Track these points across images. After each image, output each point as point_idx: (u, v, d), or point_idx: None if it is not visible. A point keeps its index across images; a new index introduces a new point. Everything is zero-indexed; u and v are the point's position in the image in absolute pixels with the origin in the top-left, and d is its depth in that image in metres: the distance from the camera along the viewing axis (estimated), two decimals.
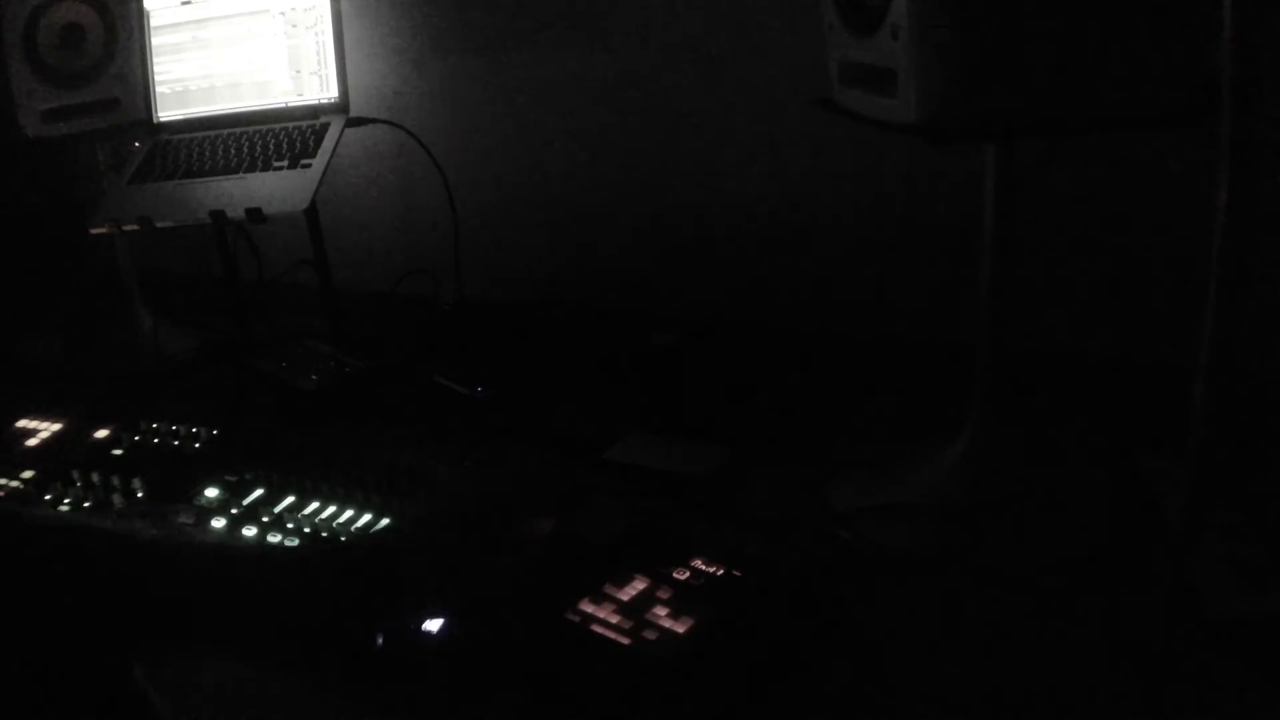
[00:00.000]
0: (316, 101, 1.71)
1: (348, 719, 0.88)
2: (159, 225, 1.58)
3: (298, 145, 1.65)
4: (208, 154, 1.69)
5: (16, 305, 2.01)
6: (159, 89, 1.76)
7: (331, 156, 1.62)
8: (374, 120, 1.77)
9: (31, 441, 1.36)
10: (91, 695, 0.72)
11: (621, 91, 1.72)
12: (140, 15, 1.74)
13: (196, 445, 1.31)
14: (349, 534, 1.08)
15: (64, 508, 1.18)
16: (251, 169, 1.64)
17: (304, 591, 0.94)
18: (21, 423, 1.42)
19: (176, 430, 1.34)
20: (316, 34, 1.69)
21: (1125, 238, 1.41)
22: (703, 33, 1.62)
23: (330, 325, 1.81)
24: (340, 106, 1.70)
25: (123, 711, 0.74)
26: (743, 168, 1.66)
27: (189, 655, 0.93)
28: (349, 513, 1.12)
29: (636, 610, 0.91)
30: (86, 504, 1.19)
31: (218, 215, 1.56)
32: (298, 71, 1.71)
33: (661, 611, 0.91)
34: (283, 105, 1.72)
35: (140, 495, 1.19)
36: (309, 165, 1.61)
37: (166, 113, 1.77)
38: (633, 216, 1.78)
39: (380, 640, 0.87)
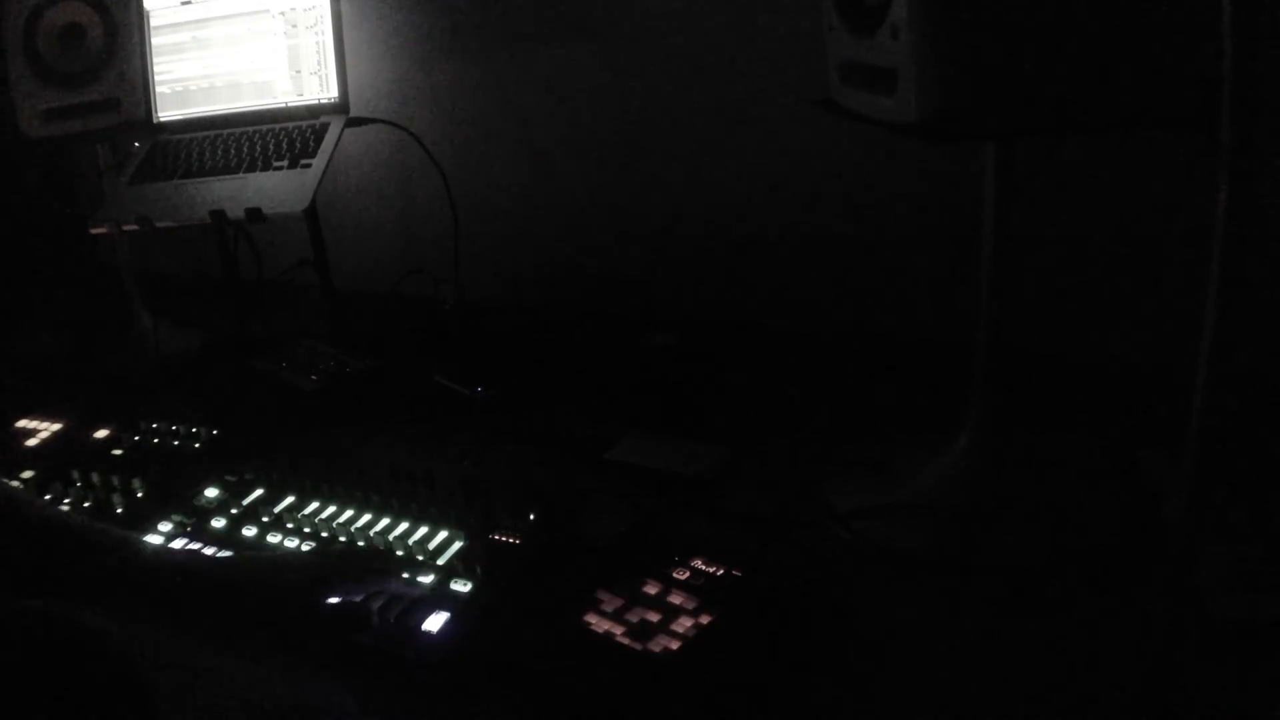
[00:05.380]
0: (316, 101, 1.71)
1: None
2: (159, 225, 1.58)
3: (297, 145, 1.65)
4: (208, 154, 1.69)
5: (16, 305, 2.01)
6: (159, 89, 1.76)
7: (331, 156, 1.62)
8: (374, 120, 1.77)
9: (31, 441, 1.37)
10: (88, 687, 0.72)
11: (622, 91, 1.72)
12: (140, 15, 1.74)
13: (196, 445, 1.31)
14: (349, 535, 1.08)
15: (64, 508, 1.19)
16: (251, 169, 1.64)
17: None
18: (21, 423, 1.42)
19: (176, 430, 1.34)
20: (316, 34, 1.69)
21: (1125, 237, 1.41)
22: (703, 33, 1.62)
23: (330, 325, 1.81)
24: (340, 106, 1.70)
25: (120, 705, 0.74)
26: (743, 167, 1.66)
27: (189, 651, 0.93)
28: (349, 513, 1.12)
29: (636, 610, 0.91)
30: (86, 504, 1.19)
31: (218, 215, 1.56)
32: (298, 71, 1.71)
33: (661, 612, 0.91)
34: (282, 105, 1.72)
35: (140, 495, 1.19)
36: (309, 165, 1.61)
37: (166, 113, 1.77)
38: (633, 216, 1.78)
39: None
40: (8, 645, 0.71)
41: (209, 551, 1.08)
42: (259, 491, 1.18)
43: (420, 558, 1.02)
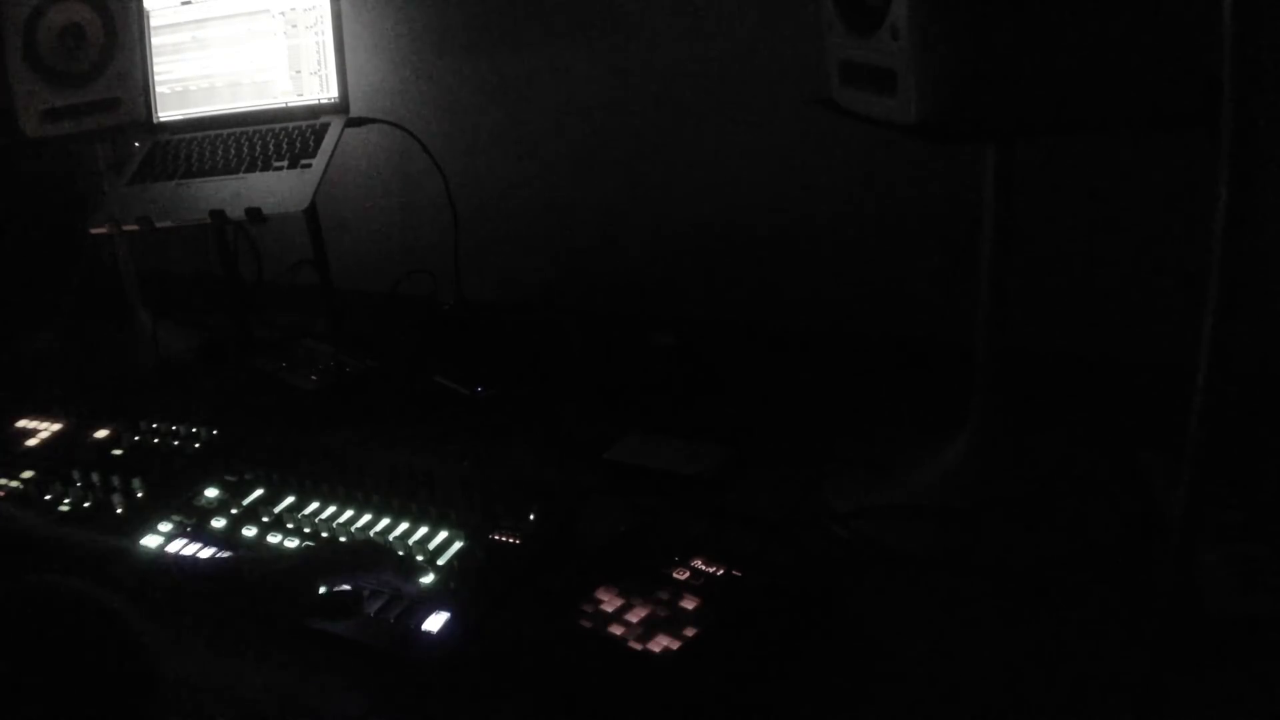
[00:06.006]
0: (316, 101, 1.71)
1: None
2: (159, 225, 1.58)
3: (298, 145, 1.65)
4: (208, 154, 1.69)
5: (16, 305, 2.01)
6: (159, 89, 1.76)
7: (331, 156, 1.62)
8: (374, 120, 1.77)
9: (31, 441, 1.37)
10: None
11: (622, 91, 1.72)
12: (140, 15, 1.74)
13: (196, 445, 1.31)
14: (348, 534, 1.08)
15: (64, 508, 1.19)
16: (251, 169, 1.64)
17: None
18: (21, 423, 1.42)
19: (176, 430, 1.34)
20: (316, 34, 1.69)
21: (1125, 237, 1.41)
22: (703, 33, 1.62)
23: (330, 325, 1.81)
24: (340, 106, 1.70)
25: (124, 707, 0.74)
26: (742, 168, 1.66)
27: (191, 652, 0.93)
28: (349, 513, 1.12)
29: (636, 610, 0.91)
30: (86, 504, 1.19)
31: (218, 215, 1.56)
32: (298, 71, 1.71)
33: (661, 612, 0.91)
34: (283, 105, 1.72)
35: (140, 495, 1.19)
36: (309, 165, 1.61)
37: (166, 113, 1.77)
38: (633, 216, 1.78)
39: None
40: (20, 616, 0.72)
41: (206, 554, 1.08)
42: (259, 491, 1.18)
43: (420, 558, 1.02)
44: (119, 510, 1.17)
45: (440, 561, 1.02)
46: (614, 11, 1.68)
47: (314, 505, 1.14)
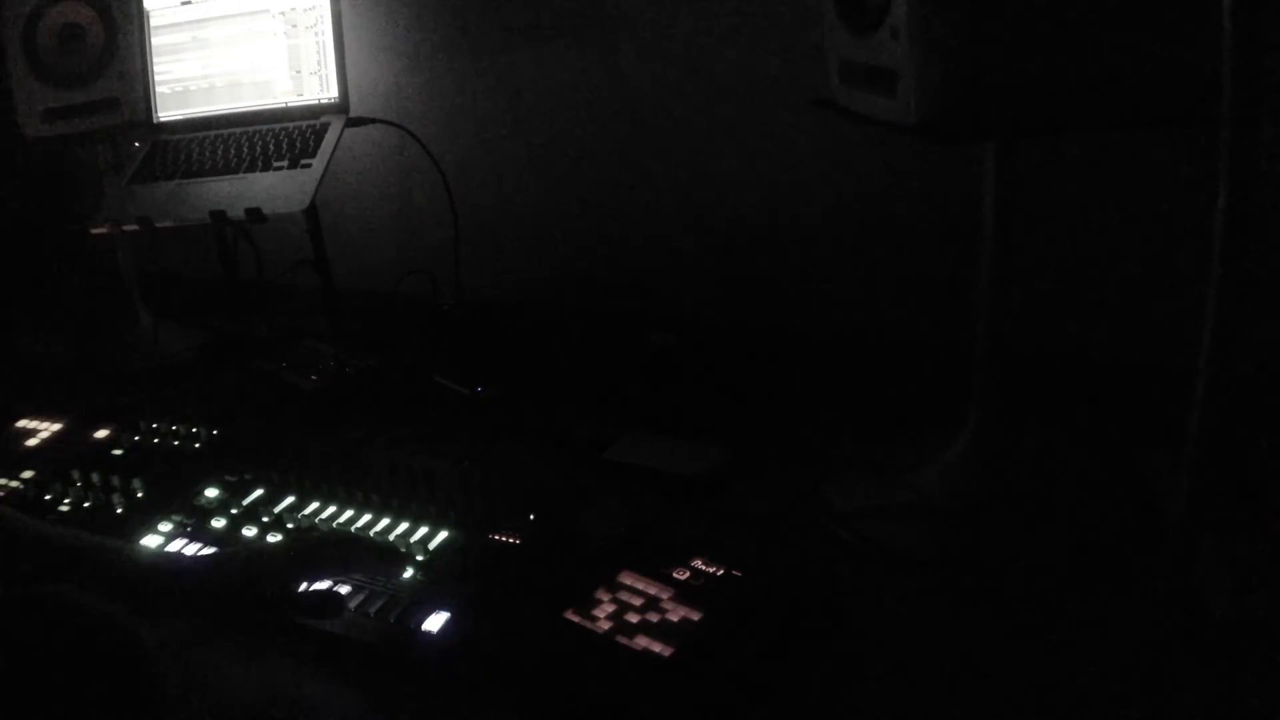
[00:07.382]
0: (316, 101, 1.71)
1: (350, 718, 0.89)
2: (159, 225, 1.58)
3: (298, 145, 1.65)
4: (208, 154, 1.69)
5: (16, 305, 2.01)
6: (159, 89, 1.76)
7: (331, 156, 1.62)
8: (374, 120, 1.77)
9: (31, 441, 1.36)
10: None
11: (622, 91, 1.72)
12: (140, 15, 1.74)
13: (196, 445, 1.31)
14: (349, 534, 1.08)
15: (64, 508, 1.19)
16: (251, 169, 1.64)
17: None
18: (21, 423, 1.42)
19: (176, 430, 1.34)
20: (316, 34, 1.69)
21: (1125, 237, 1.41)
22: (703, 34, 1.62)
23: (330, 325, 1.81)
24: (340, 106, 1.70)
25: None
26: (743, 168, 1.66)
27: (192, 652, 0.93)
28: (349, 512, 1.12)
29: (635, 611, 0.91)
30: (86, 504, 1.19)
31: (218, 215, 1.56)
32: (298, 71, 1.71)
33: (662, 612, 0.91)
34: (283, 105, 1.72)
35: (140, 495, 1.19)
36: (309, 165, 1.61)
37: (166, 113, 1.77)
38: (633, 216, 1.78)
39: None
40: (20, 626, 0.72)
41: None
42: (259, 491, 1.18)
43: (420, 558, 1.02)
44: (119, 510, 1.17)
45: (441, 562, 1.02)
46: (614, 12, 1.68)
47: (314, 505, 1.14)
